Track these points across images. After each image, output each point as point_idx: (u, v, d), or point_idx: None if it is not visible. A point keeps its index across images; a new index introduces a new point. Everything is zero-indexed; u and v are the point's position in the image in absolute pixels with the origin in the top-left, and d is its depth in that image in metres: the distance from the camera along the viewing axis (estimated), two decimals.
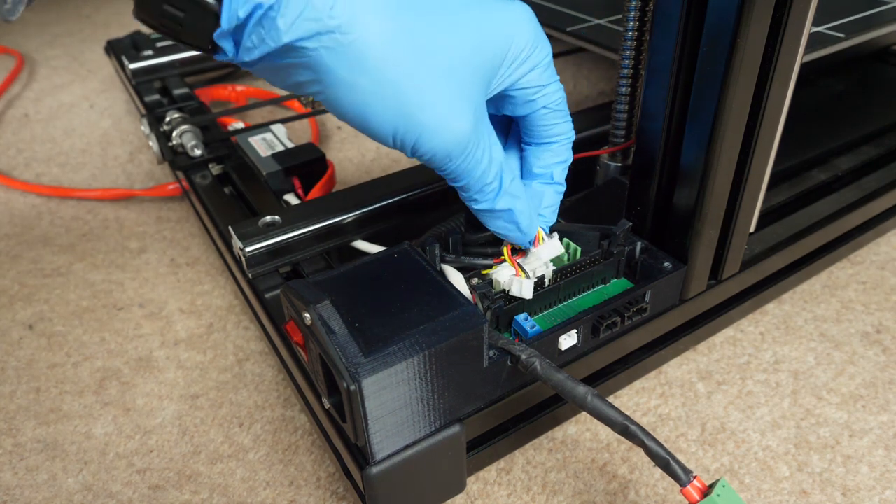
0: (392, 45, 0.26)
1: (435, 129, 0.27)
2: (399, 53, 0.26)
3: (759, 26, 0.31)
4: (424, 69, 0.27)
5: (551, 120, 0.33)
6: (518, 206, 0.32)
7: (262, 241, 0.41)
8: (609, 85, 0.80)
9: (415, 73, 0.26)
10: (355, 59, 0.25)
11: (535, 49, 0.31)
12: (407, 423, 0.30)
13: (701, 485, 0.28)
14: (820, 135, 0.54)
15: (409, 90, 0.26)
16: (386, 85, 0.26)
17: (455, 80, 0.27)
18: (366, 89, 0.26)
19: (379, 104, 0.26)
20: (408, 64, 0.26)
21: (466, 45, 0.28)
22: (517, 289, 0.34)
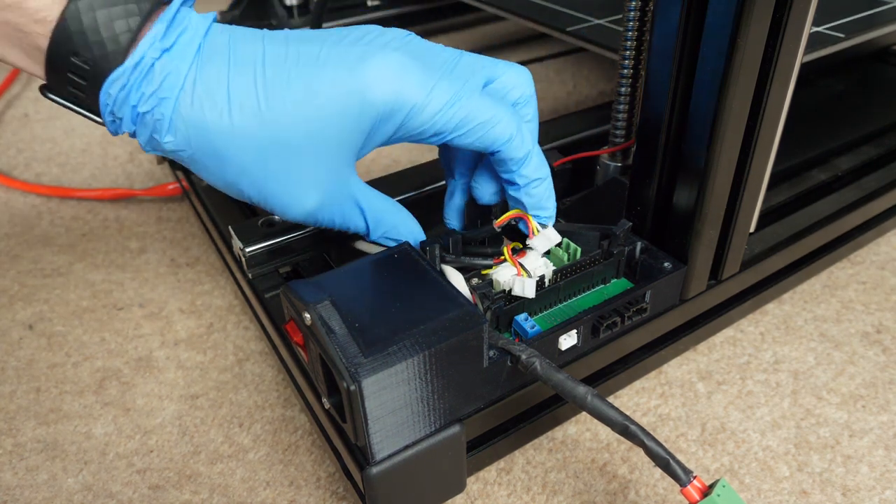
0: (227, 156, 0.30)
1: (282, 210, 0.32)
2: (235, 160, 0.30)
3: (759, 26, 0.31)
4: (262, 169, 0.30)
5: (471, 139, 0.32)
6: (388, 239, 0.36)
7: (262, 241, 0.41)
8: (609, 85, 0.80)
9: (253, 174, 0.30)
10: (200, 167, 0.30)
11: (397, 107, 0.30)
12: (407, 423, 0.30)
13: (701, 485, 0.28)
14: (820, 135, 0.54)
15: (251, 186, 0.31)
16: (222, 182, 0.31)
17: (298, 171, 0.30)
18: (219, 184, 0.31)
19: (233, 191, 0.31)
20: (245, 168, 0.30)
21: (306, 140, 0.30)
22: (519, 288, 0.34)
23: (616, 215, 0.41)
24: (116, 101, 0.28)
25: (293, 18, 0.82)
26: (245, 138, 0.29)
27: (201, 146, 0.29)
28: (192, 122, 0.29)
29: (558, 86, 0.81)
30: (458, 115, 0.31)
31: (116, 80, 0.27)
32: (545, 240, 0.35)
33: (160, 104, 0.28)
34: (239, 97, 0.29)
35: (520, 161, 0.33)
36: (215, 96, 0.28)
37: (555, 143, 0.52)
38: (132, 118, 0.29)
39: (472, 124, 0.31)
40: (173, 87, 0.28)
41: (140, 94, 0.28)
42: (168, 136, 0.29)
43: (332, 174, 0.31)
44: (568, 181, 0.51)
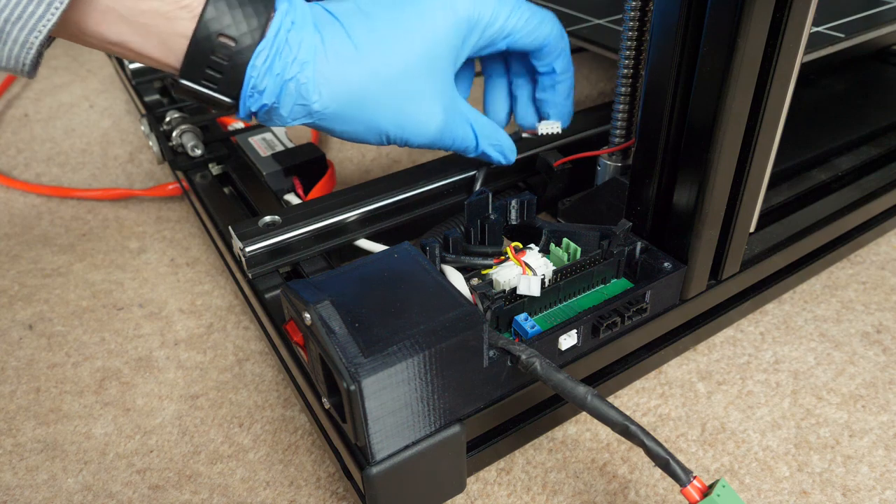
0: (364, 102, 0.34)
1: (415, 136, 0.37)
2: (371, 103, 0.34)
3: (759, 26, 0.31)
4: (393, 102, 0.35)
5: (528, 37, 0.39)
6: (495, 150, 0.41)
7: (262, 241, 0.41)
8: (609, 85, 0.80)
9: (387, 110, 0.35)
10: (341, 121, 0.34)
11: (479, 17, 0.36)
12: (407, 423, 0.30)
13: (701, 485, 0.28)
14: (820, 135, 0.54)
15: (387, 122, 0.35)
16: (364, 126, 0.35)
17: (422, 91, 0.35)
18: (351, 132, 0.35)
19: (369, 136, 0.36)
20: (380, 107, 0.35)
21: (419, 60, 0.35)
22: (525, 287, 0.34)
23: (616, 215, 0.41)
24: (260, 73, 0.31)
25: None
26: (377, 75, 0.34)
27: (344, 97, 0.33)
28: (334, 76, 0.32)
29: None
30: (522, 17, 0.38)
31: (261, 53, 0.31)
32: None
33: (303, 69, 0.32)
34: (361, 45, 0.33)
35: (558, 53, 0.40)
36: (342, 51, 0.33)
37: (555, 144, 0.52)
38: (276, 88, 0.32)
39: (531, 24, 0.38)
40: (309, 51, 0.32)
41: (283, 63, 0.31)
42: (315, 94, 0.32)
43: (447, 88, 0.37)
44: (568, 181, 0.51)
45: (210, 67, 0.31)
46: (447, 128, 0.37)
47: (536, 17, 0.39)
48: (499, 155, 0.41)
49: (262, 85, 0.31)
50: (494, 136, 0.40)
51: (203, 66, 0.31)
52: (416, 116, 0.36)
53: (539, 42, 0.39)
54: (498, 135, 0.41)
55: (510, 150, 0.42)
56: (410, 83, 0.35)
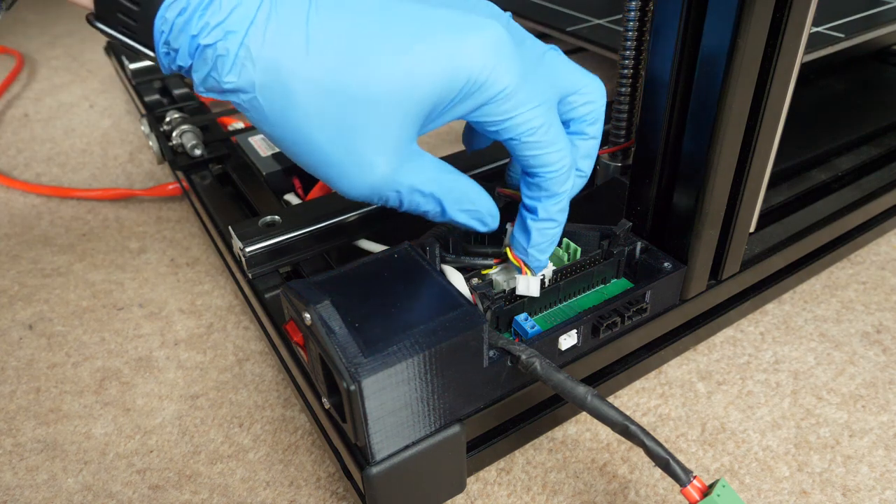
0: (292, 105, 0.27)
1: (346, 179, 0.28)
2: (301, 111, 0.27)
3: (759, 26, 0.31)
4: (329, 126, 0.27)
5: (525, 151, 0.30)
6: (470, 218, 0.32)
7: (262, 241, 0.41)
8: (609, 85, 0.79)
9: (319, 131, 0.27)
10: (259, 115, 0.27)
11: (486, 85, 0.27)
12: (407, 423, 0.30)
13: (701, 485, 0.28)
14: (820, 135, 0.54)
15: (315, 146, 0.27)
16: (292, 137, 0.27)
17: (368, 132, 0.27)
18: (277, 138, 0.28)
19: (292, 150, 0.28)
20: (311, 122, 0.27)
21: (384, 95, 0.27)
22: (524, 287, 0.34)
23: (616, 215, 0.41)
24: (174, 29, 0.25)
25: None
26: (324, 84, 0.26)
27: (269, 88, 0.26)
28: (264, 61, 0.26)
29: None
30: (535, 122, 0.29)
31: (175, 3, 0.25)
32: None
33: (226, 38, 0.25)
34: (319, 40, 0.26)
35: (550, 198, 0.32)
36: (290, 37, 0.26)
37: None
38: (190, 50, 0.26)
39: (540, 138, 0.29)
40: (243, 19, 0.25)
41: (203, 24, 0.25)
42: (231, 74, 0.26)
43: (403, 141, 0.28)
44: None
45: (121, 12, 0.26)
46: (389, 187, 0.29)
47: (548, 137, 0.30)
48: (475, 222, 0.32)
49: (175, 43, 0.26)
50: (467, 200, 0.31)
51: (114, 11, 0.26)
52: (351, 158, 0.28)
53: (534, 165, 0.30)
54: (472, 199, 0.32)
55: (490, 216, 0.33)
56: (356, 117, 0.27)
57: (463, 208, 0.32)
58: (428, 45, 0.27)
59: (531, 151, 0.30)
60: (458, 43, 0.27)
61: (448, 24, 0.27)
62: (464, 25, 0.27)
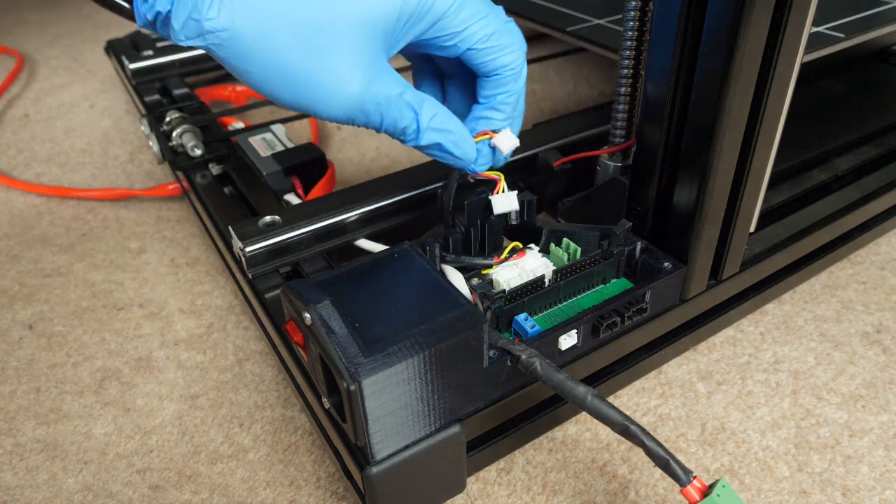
0: (268, 37, 0.29)
1: (325, 99, 0.30)
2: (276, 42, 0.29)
3: (759, 26, 0.31)
4: (303, 50, 0.29)
5: (483, 57, 0.33)
6: (445, 138, 0.34)
7: (262, 241, 0.41)
8: (609, 85, 0.80)
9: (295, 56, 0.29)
10: (238, 53, 0.29)
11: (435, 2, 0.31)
12: (407, 423, 0.30)
13: (701, 485, 0.28)
14: (820, 135, 0.54)
15: (292, 71, 0.30)
16: (271, 69, 0.29)
17: (339, 51, 0.30)
18: (257, 74, 0.30)
19: (272, 83, 0.30)
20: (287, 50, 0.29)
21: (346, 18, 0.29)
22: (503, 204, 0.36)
23: (616, 215, 0.41)
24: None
25: None
26: (290, 12, 0.29)
27: (245, 23, 0.28)
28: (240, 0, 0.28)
29: (558, 86, 0.81)
30: (488, 29, 0.32)
31: None
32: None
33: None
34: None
35: (505, 91, 0.35)
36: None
37: (555, 143, 0.52)
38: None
39: (495, 42, 0.32)
40: None
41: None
42: (211, 11, 0.27)
43: (374, 58, 0.31)
44: (568, 181, 0.51)
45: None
46: (369, 101, 0.31)
47: (501, 41, 0.33)
48: (450, 145, 0.34)
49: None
50: (442, 118, 0.33)
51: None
52: (328, 79, 0.30)
53: (496, 67, 0.34)
54: (443, 119, 0.33)
55: (464, 140, 0.34)
56: (326, 40, 0.29)
57: (437, 127, 0.33)
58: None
59: (488, 56, 0.33)
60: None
61: None
62: None
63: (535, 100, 0.78)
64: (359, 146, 0.71)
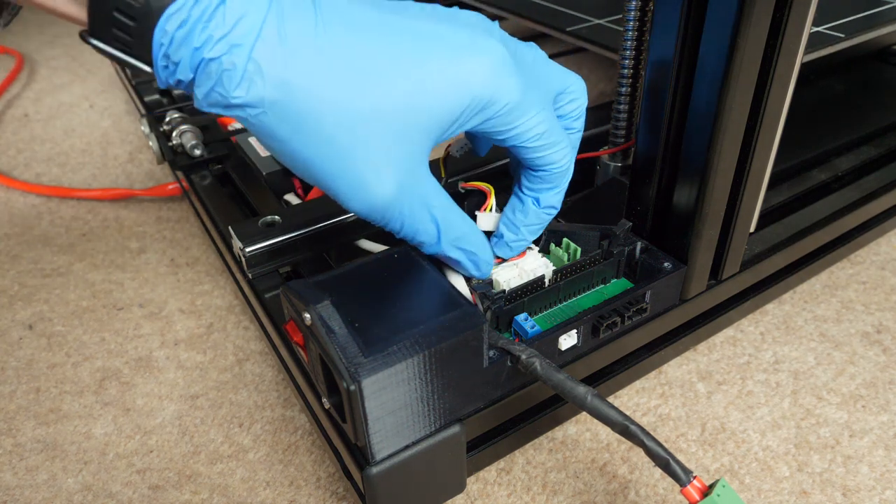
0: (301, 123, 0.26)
1: (349, 195, 0.28)
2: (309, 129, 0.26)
3: (759, 26, 0.31)
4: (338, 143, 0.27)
5: (532, 153, 0.32)
6: (465, 258, 0.32)
7: (262, 241, 0.41)
8: (609, 85, 0.80)
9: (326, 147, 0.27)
10: (265, 130, 0.27)
11: (491, 102, 0.28)
12: (407, 424, 0.30)
13: (701, 485, 0.28)
14: (820, 135, 0.54)
15: (320, 162, 0.27)
16: (291, 156, 0.27)
17: (378, 148, 0.27)
18: (279, 151, 0.28)
19: (295, 164, 0.28)
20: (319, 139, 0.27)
21: (393, 114, 0.27)
22: (486, 222, 0.35)
23: (616, 215, 0.41)
24: (174, 41, 0.25)
25: None
26: (335, 102, 0.26)
27: (279, 106, 0.26)
28: (275, 77, 0.25)
29: None
30: (539, 129, 0.30)
31: (174, 15, 0.24)
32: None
33: (231, 52, 0.24)
34: (326, 59, 0.26)
35: (551, 189, 0.34)
36: (297, 53, 0.25)
37: None
38: (192, 64, 0.25)
39: (544, 141, 0.31)
40: (248, 33, 0.25)
41: (207, 36, 0.24)
42: (239, 89, 0.25)
43: (413, 161, 0.28)
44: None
45: (117, 26, 0.25)
46: (395, 207, 0.29)
47: (552, 138, 0.31)
48: (468, 263, 0.33)
49: (176, 56, 0.25)
50: (465, 239, 0.32)
51: (109, 26, 0.25)
52: (360, 175, 0.28)
53: (540, 164, 0.32)
54: (471, 240, 0.32)
55: (484, 263, 0.33)
56: (370, 134, 0.27)
57: (459, 245, 0.32)
58: (435, 67, 0.27)
59: (537, 154, 0.32)
60: (464, 65, 0.27)
61: (452, 44, 0.28)
62: (467, 46, 0.28)
63: None
64: None
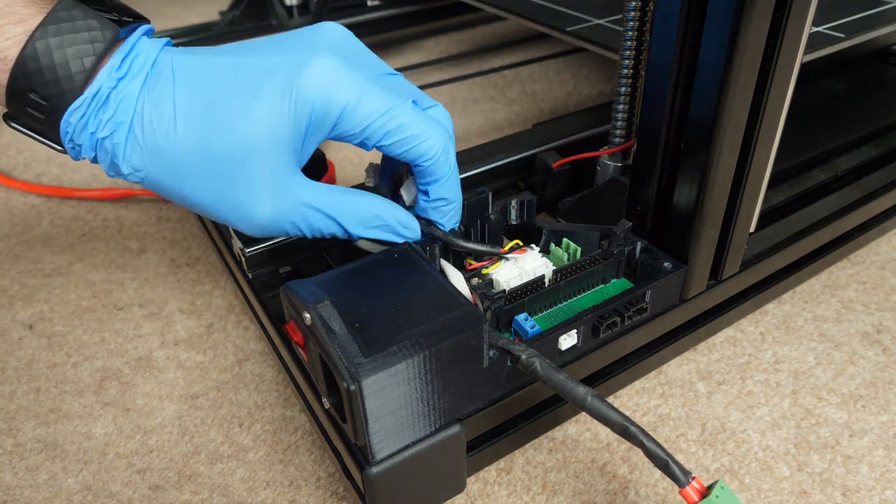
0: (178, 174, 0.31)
1: (246, 221, 0.32)
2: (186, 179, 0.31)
3: (759, 26, 0.31)
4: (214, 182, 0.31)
5: (396, 150, 0.32)
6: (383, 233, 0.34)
7: (262, 241, 0.41)
8: (609, 85, 0.80)
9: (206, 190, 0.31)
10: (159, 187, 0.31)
11: (329, 109, 0.30)
12: (407, 423, 0.30)
13: (699, 486, 0.28)
14: (820, 135, 0.54)
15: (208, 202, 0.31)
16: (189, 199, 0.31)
17: (246, 178, 0.31)
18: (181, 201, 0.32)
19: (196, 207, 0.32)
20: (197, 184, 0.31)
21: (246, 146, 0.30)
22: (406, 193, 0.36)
23: (616, 215, 0.41)
24: (76, 130, 0.29)
25: (293, 18, 0.82)
26: (192, 153, 0.30)
27: (156, 166, 0.30)
28: (145, 143, 0.30)
29: (558, 86, 0.81)
30: (392, 124, 0.31)
31: (76, 110, 0.29)
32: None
33: (117, 129, 0.29)
34: (183, 113, 0.30)
35: (438, 179, 0.34)
36: (162, 115, 0.30)
37: (555, 144, 0.52)
38: (91, 145, 0.30)
39: (404, 135, 0.32)
40: (126, 110, 0.29)
41: (98, 122, 0.29)
42: (125, 160, 0.30)
43: (279, 179, 0.31)
44: (568, 181, 0.51)
45: (30, 118, 0.30)
46: (282, 220, 0.32)
47: (411, 131, 0.32)
48: (390, 235, 0.34)
49: (78, 140, 0.30)
50: (370, 216, 0.33)
51: (25, 117, 0.30)
52: (239, 205, 0.31)
53: (414, 158, 0.33)
54: (376, 213, 0.33)
55: (403, 226, 0.34)
56: (231, 170, 0.30)
57: (369, 225, 0.34)
58: (268, 94, 0.30)
59: (402, 149, 0.32)
60: (293, 82, 0.30)
61: (280, 68, 0.30)
62: (294, 66, 0.30)
63: (535, 100, 0.78)
64: None
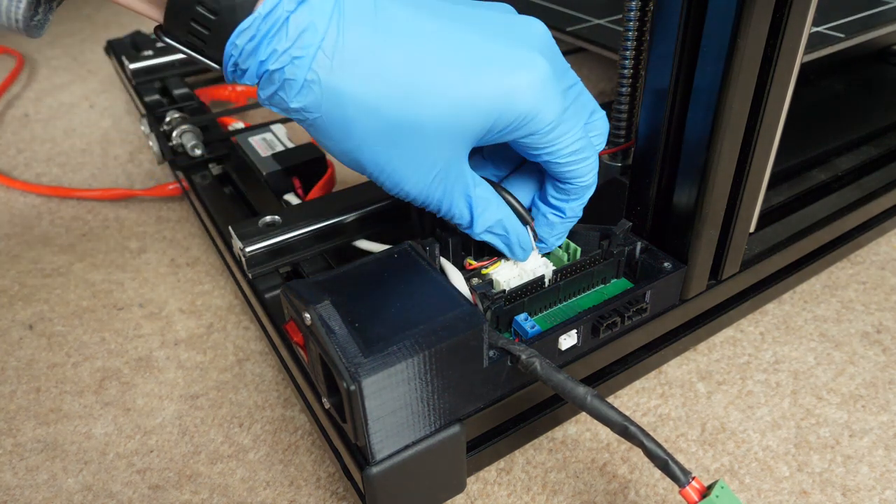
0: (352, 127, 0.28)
1: (396, 185, 0.31)
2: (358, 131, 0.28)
3: (759, 26, 0.31)
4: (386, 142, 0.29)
5: (559, 169, 0.33)
6: (499, 241, 0.34)
7: (262, 241, 0.41)
8: (609, 85, 0.80)
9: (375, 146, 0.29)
10: (321, 131, 0.29)
11: (532, 119, 0.30)
12: (407, 423, 0.30)
13: (699, 486, 0.28)
14: (820, 135, 0.54)
15: (369, 157, 0.29)
16: (350, 153, 0.29)
17: (421, 147, 0.29)
18: (334, 150, 0.30)
19: (348, 159, 0.30)
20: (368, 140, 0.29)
21: (435, 123, 0.29)
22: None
23: (616, 215, 0.41)
24: (243, 53, 0.26)
25: None
26: (382, 113, 0.28)
27: (332, 113, 0.28)
28: (330, 87, 0.27)
29: None
30: (574, 147, 0.32)
31: (245, 31, 0.26)
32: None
33: (292, 63, 0.26)
34: (386, 70, 0.27)
35: (576, 199, 0.35)
36: (360, 65, 0.27)
37: None
38: (258, 73, 0.27)
39: (575, 159, 0.32)
40: (309, 45, 0.26)
41: (271, 50, 0.26)
42: (298, 97, 0.27)
43: (454, 160, 0.30)
44: None
45: (193, 33, 0.27)
46: (430, 197, 0.31)
47: (582, 158, 0.32)
48: (502, 245, 0.34)
49: (244, 65, 0.27)
50: (499, 225, 0.34)
51: (185, 31, 0.27)
52: (399, 173, 0.30)
53: (569, 179, 0.33)
54: (504, 225, 0.34)
55: (518, 247, 0.35)
56: (410, 142, 0.29)
57: (492, 231, 0.34)
58: (478, 83, 0.28)
59: (567, 168, 0.33)
60: (507, 81, 0.29)
61: (498, 60, 0.29)
62: (513, 63, 0.29)
63: None
64: None
